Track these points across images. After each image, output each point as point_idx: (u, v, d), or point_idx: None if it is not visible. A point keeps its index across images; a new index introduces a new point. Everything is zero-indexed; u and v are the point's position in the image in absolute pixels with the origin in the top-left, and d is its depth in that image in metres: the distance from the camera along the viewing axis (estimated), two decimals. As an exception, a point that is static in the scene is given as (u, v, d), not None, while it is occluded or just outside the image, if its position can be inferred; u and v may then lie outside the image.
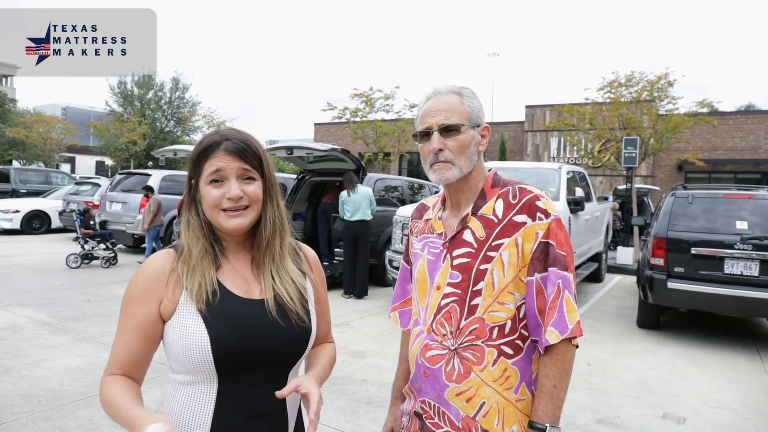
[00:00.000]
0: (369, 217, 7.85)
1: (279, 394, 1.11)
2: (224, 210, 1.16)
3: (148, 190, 10.55)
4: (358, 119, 20.12)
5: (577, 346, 1.31)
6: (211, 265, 1.18)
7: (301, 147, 8.47)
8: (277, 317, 1.18)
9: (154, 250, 10.59)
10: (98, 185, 15.03)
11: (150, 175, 12.09)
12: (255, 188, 1.19)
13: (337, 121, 22.54)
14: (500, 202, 1.37)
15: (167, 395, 1.20)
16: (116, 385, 1.13)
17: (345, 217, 7.81)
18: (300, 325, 1.21)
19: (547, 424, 1.26)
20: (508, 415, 1.31)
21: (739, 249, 5.68)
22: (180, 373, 1.16)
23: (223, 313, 1.13)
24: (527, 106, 25.27)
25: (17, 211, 14.41)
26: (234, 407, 1.14)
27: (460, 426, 1.33)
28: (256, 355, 1.15)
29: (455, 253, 1.37)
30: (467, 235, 1.37)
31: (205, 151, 1.18)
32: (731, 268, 5.72)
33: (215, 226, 1.20)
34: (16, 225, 14.29)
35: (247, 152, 1.18)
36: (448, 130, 1.36)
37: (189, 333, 1.11)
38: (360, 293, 7.82)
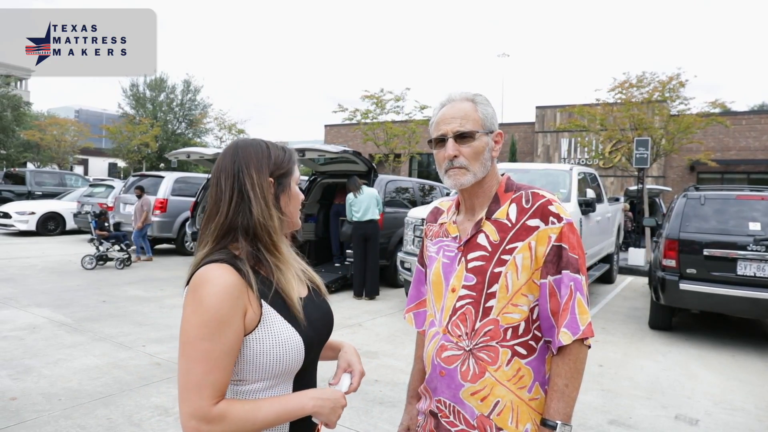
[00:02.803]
0: (377, 216, 7.91)
1: (332, 382, 1.23)
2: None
3: (140, 190, 10.70)
4: (368, 121, 20.18)
5: (589, 347, 1.35)
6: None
7: (313, 149, 8.53)
8: (323, 308, 1.30)
9: (142, 248, 10.86)
10: (112, 187, 15.23)
11: (163, 177, 12.23)
12: None
13: (347, 122, 22.63)
14: (513, 206, 1.41)
15: None
16: (242, 401, 1.11)
17: (354, 218, 7.86)
18: (331, 309, 1.35)
19: (558, 422, 1.30)
20: (521, 414, 1.35)
21: (752, 250, 5.66)
22: (257, 382, 1.15)
23: (304, 315, 1.19)
24: (537, 107, 25.21)
25: (33, 213, 14.61)
26: None
27: (475, 424, 1.36)
28: (320, 348, 1.24)
29: (470, 256, 1.41)
30: (482, 239, 1.41)
31: (293, 158, 1.30)
32: (744, 269, 5.70)
33: (286, 225, 1.27)
34: (32, 227, 14.49)
35: None
36: (462, 137, 1.41)
37: (283, 340, 1.13)
38: (371, 293, 7.86)
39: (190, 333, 1.07)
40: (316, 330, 1.22)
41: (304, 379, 1.22)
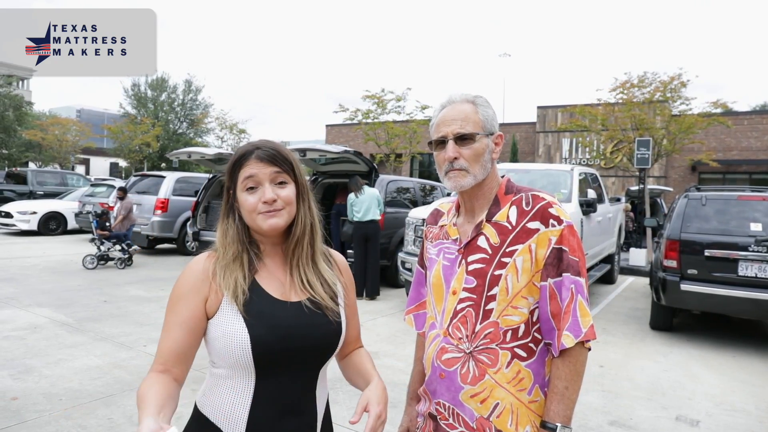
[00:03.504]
0: (378, 217, 7.91)
1: (352, 421, 1.19)
2: (260, 213, 1.24)
3: (122, 191, 10.68)
4: (369, 121, 20.18)
5: (589, 349, 1.35)
6: (243, 267, 1.25)
7: (314, 149, 8.54)
8: (312, 319, 1.26)
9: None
10: (113, 187, 15.21)
11: (165, 177, 12.24)
12: (288, 192, 1.27)
13: (348, 122, 22.63)
14: (514, 208, 1.41)
15: (208, 387, 1.28)
16: (152, 382, 1.15)
17: (355, 218, 7.87)
18: (332, 326, 1.29)
19: (558, 424, 1.30)
20: (521, 416, 1.35)
21: (753, 251, 5.65)
22: (220, 368, 1.24)
23: (262, 314, 1.21)
24: (539, 107, 25.20)
25: (34, 213, 14.63)
26: (269, 402, 1.22)
27: (475, 427, 1.36)
28: (292, 355, 1.22)
29: (470, 258, 1.41)
30: (482, 242, 1.41)
31: (239, 161, 1.27)
32: (745, 270, 5.69)
33: (254, 230, 1.29)
34: (34, 226, 14.51)
35: (278, 158, 1.27)
36: (462, 139, 1.40)
37: (230, 332, 1.19)
38: (371, 293, 7.86)
39: (166, 307, 1.25)
40: (277, 335, 1.20)
41: (271, 380, 1.22)
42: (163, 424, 1.02)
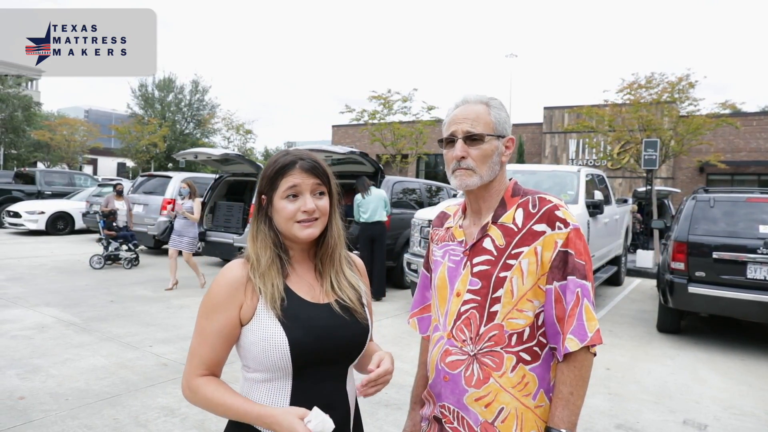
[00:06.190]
0: (384, 218, 7.91)
1: (369, 369, 1.31)
2: (298, 222, 1.30)
3: (119, 193, 10.65)
4: (375, 121, 20.19)
5: (594, 354, 1.33)
6: (279, 273, 1.30)
7: (320, 150, 8.55)
8: (342, 320, 1.33)
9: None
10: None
11: (171, 178, 12.28)
12: (325, 203, 1.34)
13: (355, 123, 22.65)
14: (520, 211, 1.40)
15: (243, 392, 1.32)
16: (218, 385, 1.25)
17: (361, 219, 7.87)
18: (361, 324, 1.37)
19: (563, 430, 1.29)
20: (526, 421, 1.33)
21: (762, 253, 5.60)
22: (256, 372, 1.28)
23: (297, 317, 1.27)
24: (545, 108, 25.11)
25: (42, 213, 14.73)
26: (306, 400, 1.26)
27: (479, 431, 1.35)
28: (327, 354, 1.28)
29: (475, 260, 1.40)
30: (487, 243, 1.40)
31: (282, 170, 1.31)
32: (754, 272, 5.64)
33: (287, 236, 1.33)
34: (42, 226, 14.60)
35: (318, 170, 1.32)
36: (472, 139, 1.40)
37: (268, 335, 1.23)
38: (377, 294, 7.85)
39: (199, 311, 1.29)
40: (313, 336, 1.26)
41: (307, 379, 1.27)
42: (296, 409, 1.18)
